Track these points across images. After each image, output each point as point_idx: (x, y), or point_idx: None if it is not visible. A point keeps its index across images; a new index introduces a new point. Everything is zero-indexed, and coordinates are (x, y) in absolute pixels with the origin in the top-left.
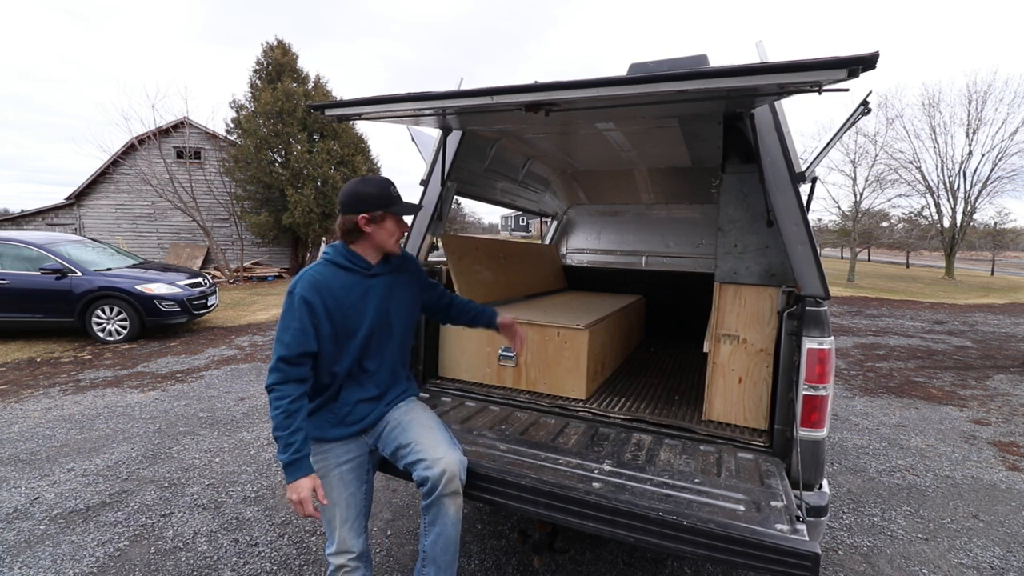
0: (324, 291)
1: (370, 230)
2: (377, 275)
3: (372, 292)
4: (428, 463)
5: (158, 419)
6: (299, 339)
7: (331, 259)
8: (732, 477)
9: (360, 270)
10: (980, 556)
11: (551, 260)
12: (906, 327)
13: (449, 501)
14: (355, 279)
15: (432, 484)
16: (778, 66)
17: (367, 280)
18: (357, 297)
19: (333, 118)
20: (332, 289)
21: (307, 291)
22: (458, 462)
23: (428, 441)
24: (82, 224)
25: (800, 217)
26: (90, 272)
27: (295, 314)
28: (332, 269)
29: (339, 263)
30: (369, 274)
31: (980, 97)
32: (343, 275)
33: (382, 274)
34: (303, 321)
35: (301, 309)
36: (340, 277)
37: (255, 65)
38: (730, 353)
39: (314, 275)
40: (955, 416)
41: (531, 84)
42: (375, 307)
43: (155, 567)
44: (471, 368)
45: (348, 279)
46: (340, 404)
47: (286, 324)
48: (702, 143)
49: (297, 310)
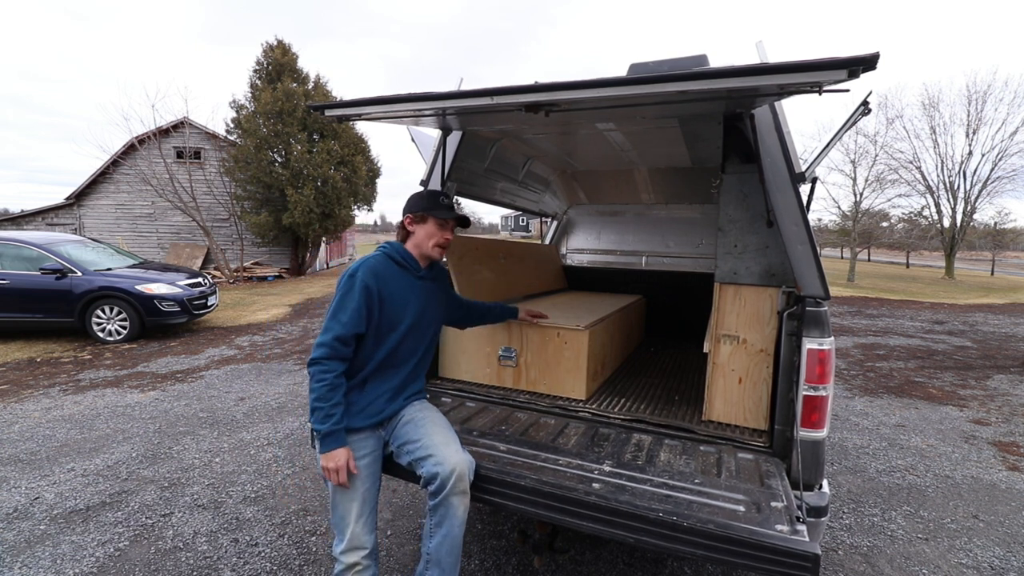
0: (381, 280)
1: (413, 229)
2: (423, 278)
3: (417, 292)
4: (438, 459)
5: (158, 419)
6: (355, 319)
7: (388, 253)
8: (732, 477)
9: (411, 269)
10: (980, 556)
11: (551, 260)
12: (906, 327)
13: (458, 500)
14: (406, 277)
15: (442, 481)
16: (778, 67)
17: (415, 280)
18: (405, 293)
19: (333, 118)
20: (387, 280)
21: (368, 277)
22: (467, 462)
23: (439, 440)
24: (82, 224)
25: (800, 217)
26: (90, 272)
27: (355, 296)
28: (389, 262)
29: (395, 258)
30: (418, 276)
31: (980, 97)
32: (397, 270)
33: (427, 279)
34: (360, 304)
35: (361, 292)
36: (394, 271)
37: (255, 65)
38: (730, 353)
39: (375, 264)
40: (955, 416)
41: (531, 84)
42: (417, 306)
43: (155, 567)
44: (471, 368)
45: (400, 275)
46: (364, 394)
47: (343, 305)
48: (702, 143)
49: (358, 292)
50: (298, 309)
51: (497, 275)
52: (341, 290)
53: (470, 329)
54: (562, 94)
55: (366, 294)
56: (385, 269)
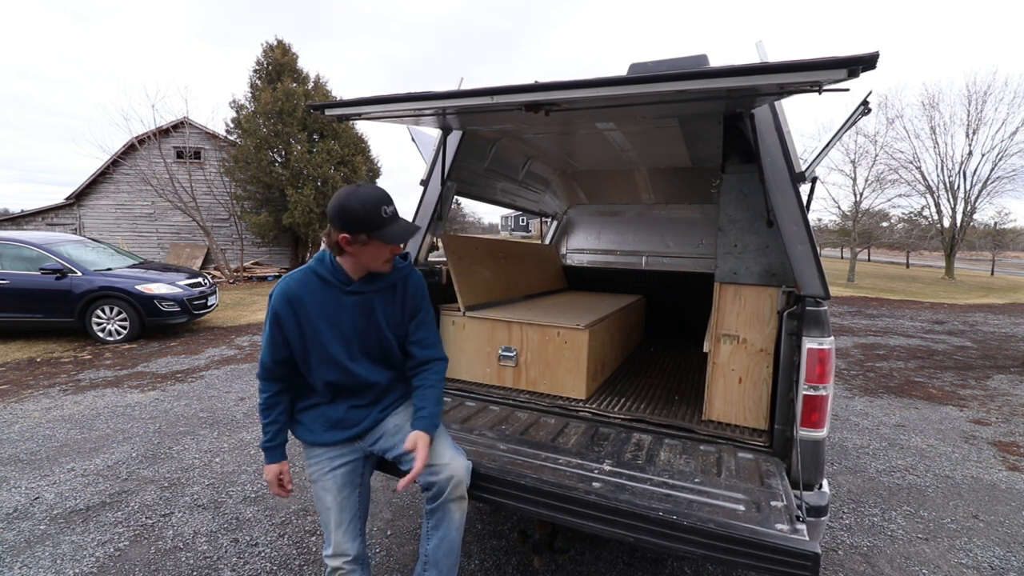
0: (295, 302)
1: (352, 251)
2: (355, 292)
3: (348, 308)
4: (434, 468)
5: (158, 419)
6: (269, 347)
7: (314, 269)
8: (732, 477)
9: (338, 284)
10: (980, 556)
11: (551, 260)
12: (906, 327)
13: (455, 506)
14: (330, 293)
15: (439, 489)
16: (778, 66)
17: (343, 296)
18: (331, 311)
19: (333, 118)
20: (304, 301)
21: (278, 303)
22: (464, 468)
23: (435, 447)
24: (82, 224)
25: (800, 217)
26: (90, 272)
27: (266, 325)
28: (312, 279)
29: (320, 274)
30: (347, 290)
31: (980, 97)
32: (321, 288)
33: (362, 292)
34: (271, 331)
35: (269, 321)
36: (317, 289)
37: (255, 65)
38: (730, 353)
39: (288, 286)
40: (955, 416)
41: (531, 84)
42: (350, 324)
43: (155, 567)
44: (471, 368)
45: (324, 292)
46: (334, 408)
47: (264, 331)
48: (702, 143)
49: (268, 320)
50: None
51: (497, 275)
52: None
53: (470, 329)
54: (562, 94)
55: (274, 322)
56: (303, 288)
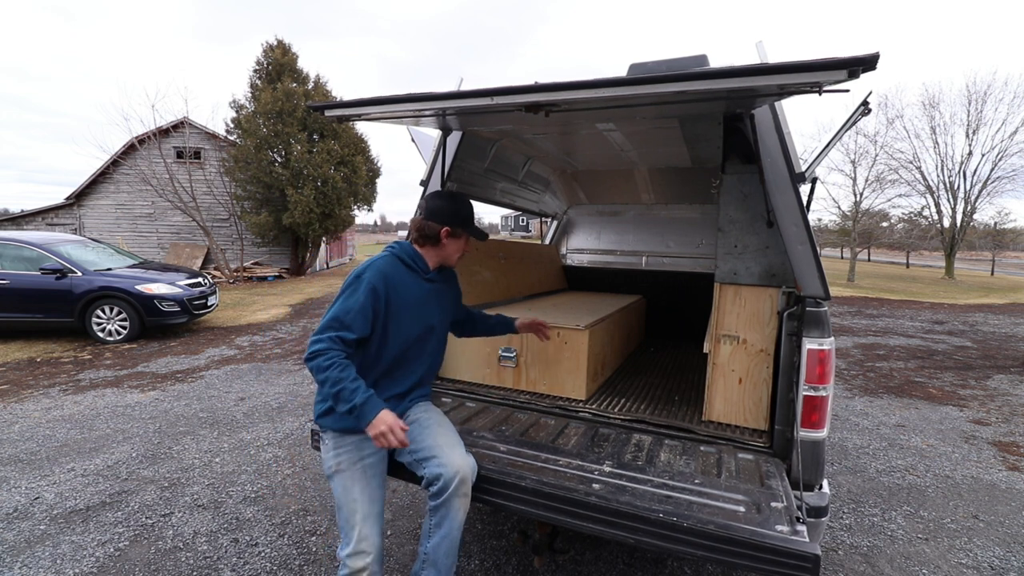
0: (389, 282)
1: (447, 242)
2: (432, 281)
3: (427, 295)
4: (442, 461)
5: (158, 419)
6: (359, 322)
7: (397, 254)
8: (732, 478)
9: (420, 272)
10: (980, 556)
11: (551, 260)
12: (906, 327)
13: (459, 503)
14: (415, 279)
15: (445, 482)
16: (778, 67)
17: (423, 283)
18: (414, 296)
19: (333, 118)
20: (396, 283)
21: (376, 279)
22: (471, 466)
23: (443, 441)
24: (82, 224)
25: (800, 217)
26: (90, 272)
27: (360, 297)
28: (397, 264)
29: (404, 260)
30: (426, 278)
31: (980, 97)
32: (405, 272)
33: (436, 281)
34: (365, 306)
35: (367, 294)
36: (403, 273)
37: (255, 65)
38: (730, 353)
39: (384, 266)
40: (955, 416)
41: (531, 85)
42: (426, 309)
43: (155, 567)
44: (471, 368)
45: (409, 277)
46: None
47: (348, 306)
48: (702, 143)
49: (363, 294)
50: (298, 309)
51: (497, 275)
52: (346, 290)
53: None
54: (562, 94)
55: (372, 296)
56: (393, 271)
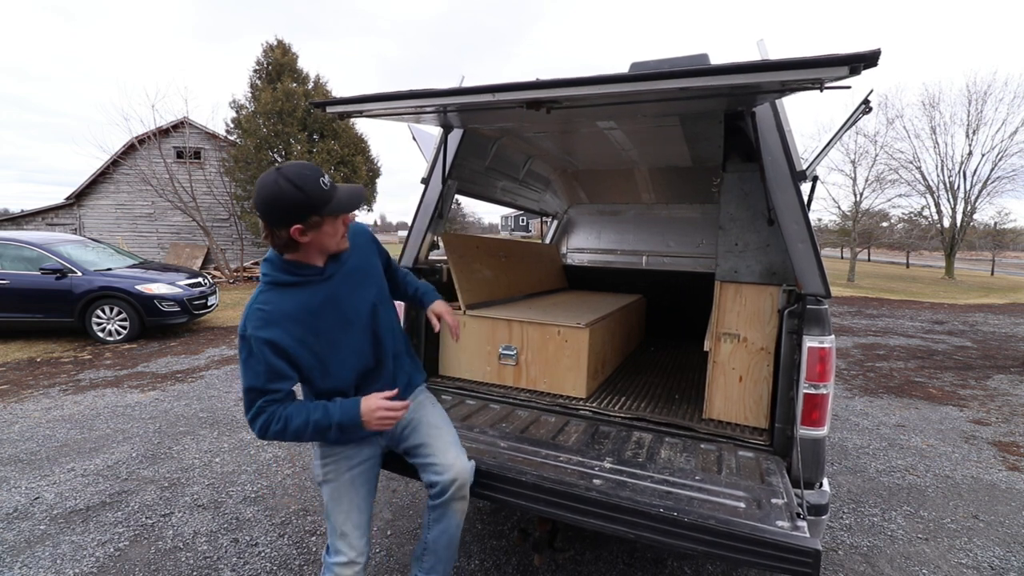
0: (282, 321)
1: (307, 239)
2: (331, 276)
3: (334, 294)
4: (439, 468)
5: (158, 419)
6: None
7: (272, 280)
8: (733, 475)
9: (311, 278)
10: (980, 556)
11: (551, 259)
12: (906, 327)
13: (457, 505)
14: (308, 291)
15: (442, 488)
16: (780, 63)
17: (322, 285)
18: (320, 308)
19: (334, 115)
20: (288, 314)
21: (261, 330)
22: (468, 469)
23: (439, 445)
24: (82, 224)
25: (801, 215)
26: (90, 272)
27: (258, 360)
28: (278, 291)
29: (283, 281)
30: (322, 278)
31: (980, 97)
32: (294, 293)
33: (336, 273)
34: (269, 362)
35: (262, 352)
36: (291, 296)
37: (255, 65)
38: (731, 352)
39: (260, 309)
40: (955, 416)
41: (533, 82)
42: (346, 308)
43: (155, 567)
44: (471, 367)
45: (301, 295)
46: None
47: (255, 374)
48: (703, 142)
49: (258, 355)
50: None
51: (497, 274)
52: (241, 357)
53: (471, 327)
54: (564, 91)
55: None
56: (279, 304)
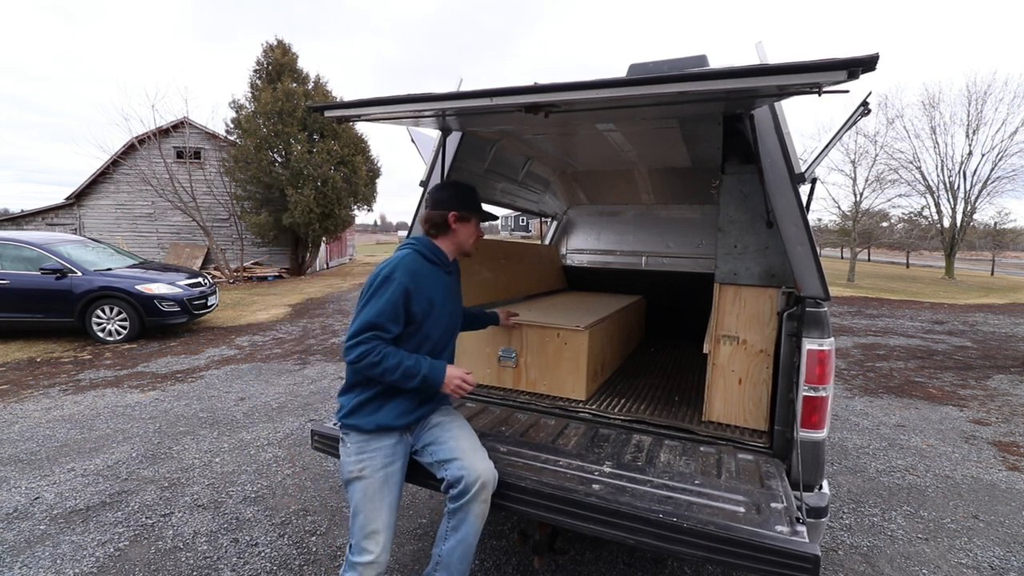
0: (419, 281)
1: (457, 227)
2: (452, 273)
3: (448, 288)
4: (464, 464)
5: (158, 419)
6: (393, 323)
7: (419, 250)
8: (732, 478)
9: (442, 265)
10: (980, 556)
11: (551, 260)
12: (906, 327)
13: (478, 509)
14: (438, 273)
15: (466, 485)
16: (778, 68)
17: (445, 277)
18: (438, 290)
19: (333, 119)
20: (424, 280)
21: (407, 279)
22: (492, 473)
23: (467, 445)
24: (82, 224)
25: (800, 218)
26: (90, 272)
27: (391, 298)
28: (422, 261)
29: (426, 255)
30: (447, 270)
31: (980, 97)
32: (430, 268)
33: (454, 273)
34: (398, 306)
35: (400, 295)
36: (428, 270)
37: (255, 65)
38: (730, 354)
39: (411, 263)
40: (955, 416)
41: (531, 86)
42: (450, 302)
43: (155, 567)
44: (471, 369)
45: (433, 272)
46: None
47: (380, 308)
48: (702, 144)
49: (394, 293)
50: (298, 309)
51: (497, 275)
52: (374, 291)
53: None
54: (562, 95)
55: (405, 297)
56: (420, 268)
